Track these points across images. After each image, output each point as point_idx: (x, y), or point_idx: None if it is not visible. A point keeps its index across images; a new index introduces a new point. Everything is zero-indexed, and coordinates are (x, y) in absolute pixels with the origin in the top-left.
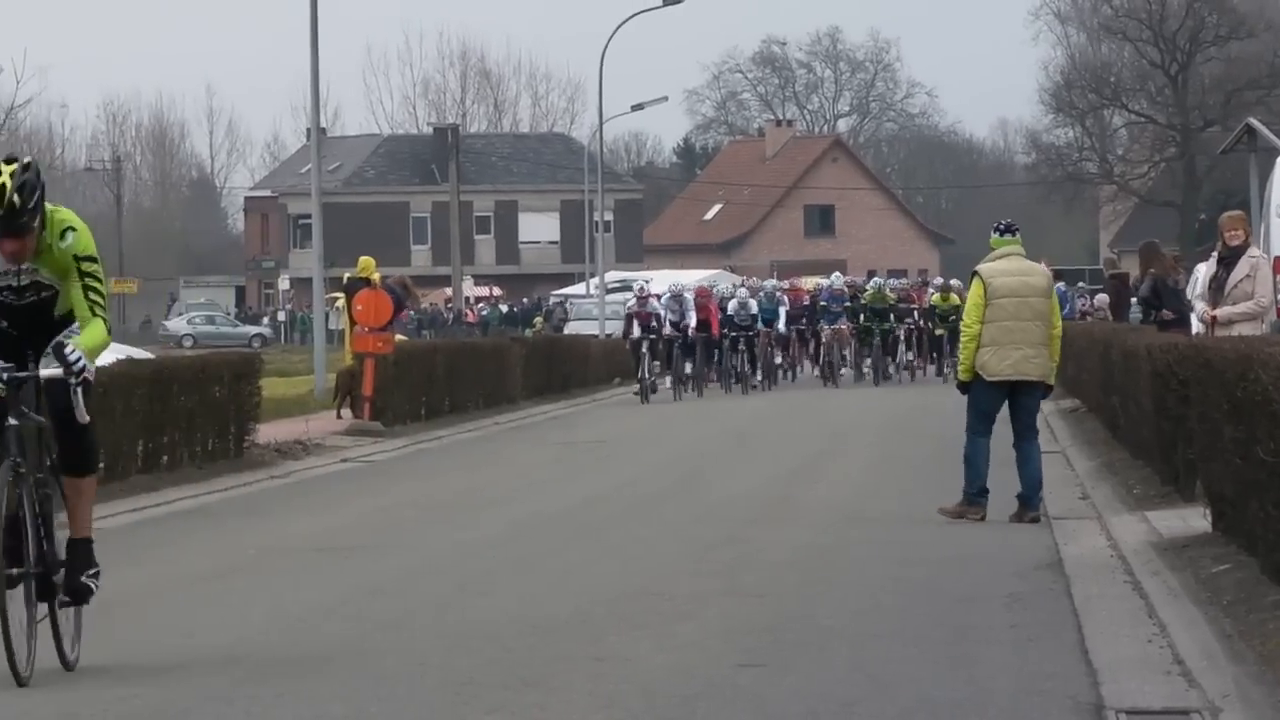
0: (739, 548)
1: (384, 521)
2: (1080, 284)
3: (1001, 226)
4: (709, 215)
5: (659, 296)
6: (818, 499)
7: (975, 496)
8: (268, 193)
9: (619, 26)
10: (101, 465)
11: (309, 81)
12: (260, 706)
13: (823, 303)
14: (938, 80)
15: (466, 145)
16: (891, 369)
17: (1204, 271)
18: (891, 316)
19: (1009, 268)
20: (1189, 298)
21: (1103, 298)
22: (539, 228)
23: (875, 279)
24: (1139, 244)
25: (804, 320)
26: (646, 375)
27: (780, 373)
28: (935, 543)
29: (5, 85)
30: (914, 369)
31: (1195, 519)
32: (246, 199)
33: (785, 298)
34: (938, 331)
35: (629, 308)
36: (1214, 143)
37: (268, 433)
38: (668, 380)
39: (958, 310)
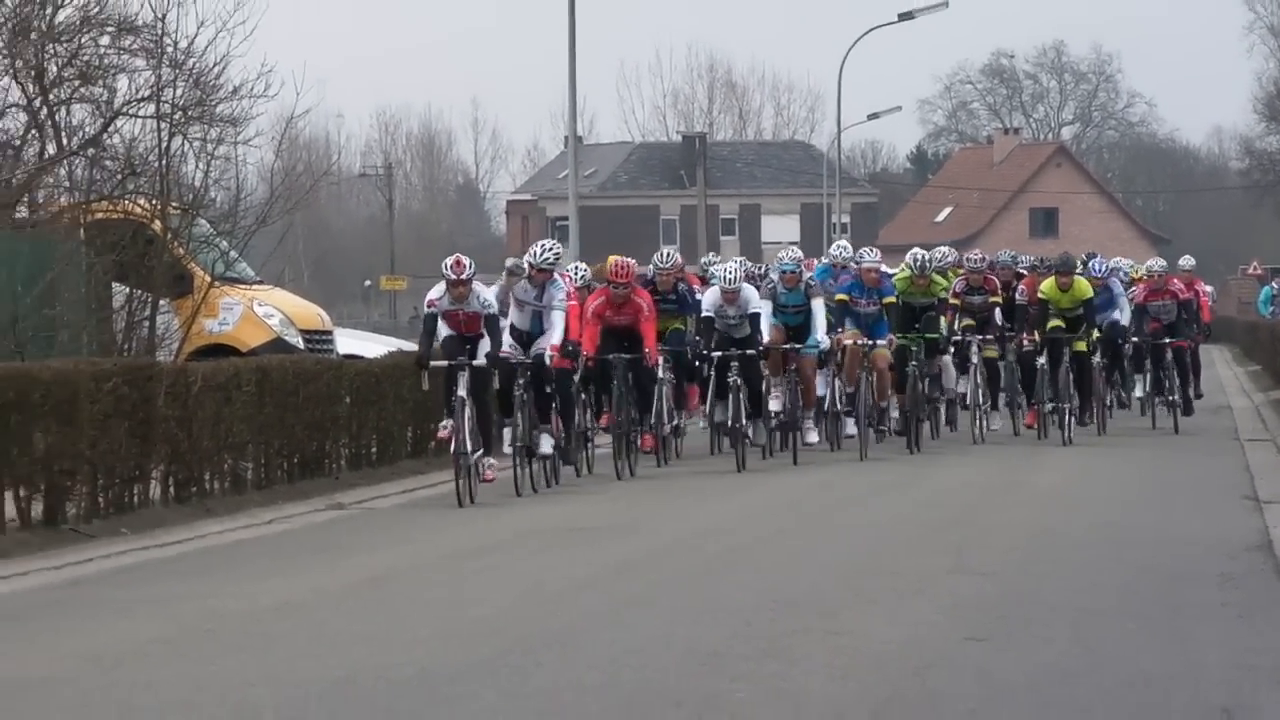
0: (965, 529)
1: (633, 504)
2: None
3: None
4: (940, 217)
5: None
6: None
7: None
8: (527, 196)
9: (856, 41)
10: (374, 449)
11: (567, 93)
12: (521, 676)
13: (840, 295)
14: (1156, 90)
15: (713, 152)
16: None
17: None
18: (942, 320)
19: None
20: None
21: None
22: (780, 229)
23: (918, 252)
24: None
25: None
26: (466, 445)
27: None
28: (1151, 526)
29: (286, 97)
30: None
31: None
32: (508, 202)
33: (823, 283)
34: (1032, 339)
35: (429, 300)
36: None
37: None
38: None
39: (1093, 306)
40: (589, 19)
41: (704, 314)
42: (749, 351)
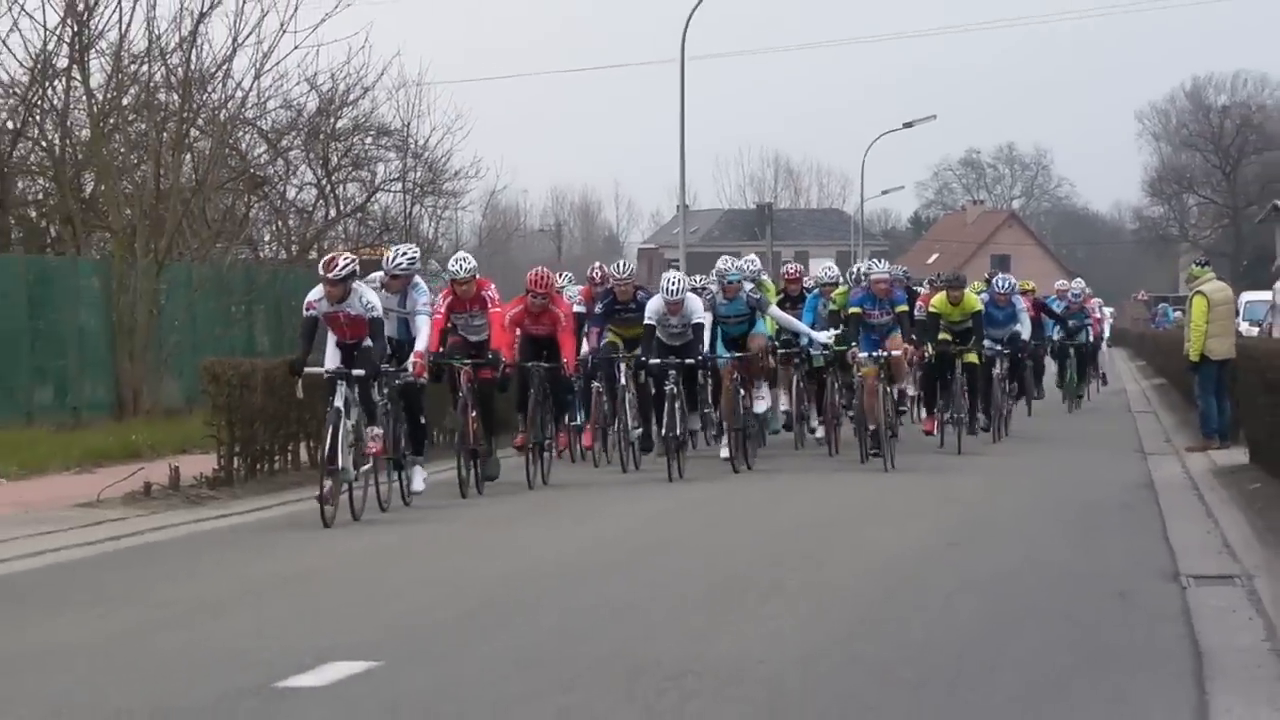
0: (940, 481)
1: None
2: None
3: (1202, 260)
4: (929, 261)
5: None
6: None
7: (1211, 434)
8: (652, 246)
9: (873, 141)
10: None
11: (678, 175)
12: (642, 569)
13: (853, 309)
14: (1076, 175)
15: (777, 217)
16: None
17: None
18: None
19: (1218, 286)
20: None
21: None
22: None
23: (840, 267)
24: None
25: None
26: (338, 459)
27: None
28: (1071, 472)
29: (490, 178)
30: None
31: (1239, 456)
32: (639, 250)
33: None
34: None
35: (308, 302)
36: (1254, 216)
37: None
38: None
39: (980, 320)
40: (694, 126)
41: (646, 322)
42: (687, 360)
